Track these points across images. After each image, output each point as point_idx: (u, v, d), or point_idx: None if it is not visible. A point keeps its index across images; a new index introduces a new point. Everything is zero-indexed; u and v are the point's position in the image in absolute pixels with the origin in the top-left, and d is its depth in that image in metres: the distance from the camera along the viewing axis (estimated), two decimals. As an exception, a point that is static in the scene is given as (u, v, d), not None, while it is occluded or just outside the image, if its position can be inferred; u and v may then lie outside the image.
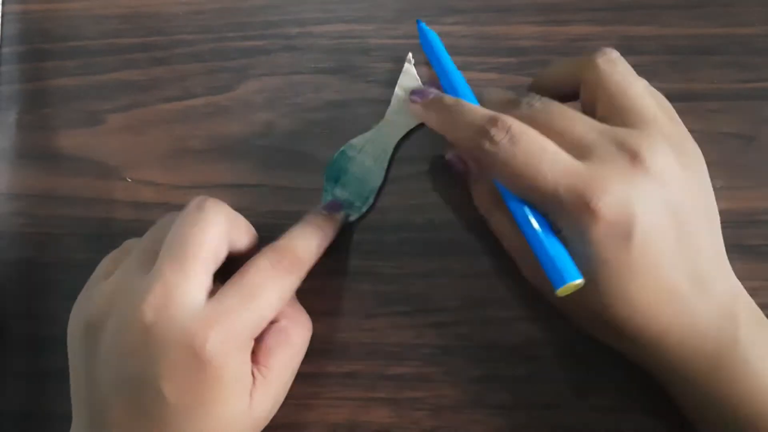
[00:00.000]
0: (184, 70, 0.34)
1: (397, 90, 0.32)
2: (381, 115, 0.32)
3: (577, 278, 0.24)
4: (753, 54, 0.31)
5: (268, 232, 0.29)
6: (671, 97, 0.31)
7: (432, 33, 0.31)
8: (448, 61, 0.30)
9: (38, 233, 0.34)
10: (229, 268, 0.26)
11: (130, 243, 0.28)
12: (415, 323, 0.31)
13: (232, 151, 0.33)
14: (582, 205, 0.23)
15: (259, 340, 0.27)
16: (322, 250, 0.29)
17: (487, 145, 0.25)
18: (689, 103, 0.31)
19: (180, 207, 0.29)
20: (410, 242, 0.31)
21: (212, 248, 0.25)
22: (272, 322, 0.27)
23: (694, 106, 0.31)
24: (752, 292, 0.29)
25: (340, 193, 0.32)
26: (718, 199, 0.30)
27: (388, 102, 0.32)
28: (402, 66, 0.32)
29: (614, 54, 0.27)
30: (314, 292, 0.31)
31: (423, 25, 0.32)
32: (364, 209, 0.31)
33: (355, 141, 0.32)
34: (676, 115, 0.27)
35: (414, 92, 0.29)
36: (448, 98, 0.28)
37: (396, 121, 0.32)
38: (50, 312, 0.33)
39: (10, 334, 0.33)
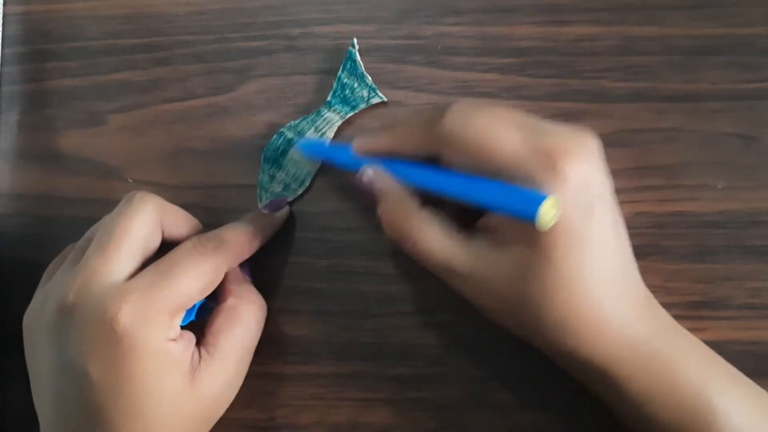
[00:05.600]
0: (186, 70, 0.34)
1: (340, 74, 0.32)
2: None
3: (546, 196, 0.22)
4: (755, 54, 0.31)
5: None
6: (672, 98, 0.31)
7: (312, 142, 0.31)
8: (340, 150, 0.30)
9: (39, 234, 0.34)
10: None
11: (69, 248, 0.29)
12: (416, 323, 0.31)
13: (234, 151, 0.33)
14: (548, 167, 0.22)
15: (210, 323, 0.27)
16: (255, 243, 0.29)
17: (439, 124, 0.25)
18: (691, 104, 0.31)
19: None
20: (411, 243, 0.31)
21: (137, 234, 0.26)
22: (222, 304, 0.28)
23: (696, 106, 0.31)
24: (754, 293, 0.29)
25: (276, 174, 0.32)
26: (719, 199, 0.30)
27: (389, 103, 0.32)
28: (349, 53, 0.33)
29: (460, 105, 0.25)
30: (315, 293, 0.31)
31: (301, 144, 0.31)
32: (299, 191, 0.32)
33: (294, 123, 0.32)
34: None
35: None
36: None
37: (337, 106, 0.32)
38: (51, 312, 0.33)
39: (10, 334, 0.33)
